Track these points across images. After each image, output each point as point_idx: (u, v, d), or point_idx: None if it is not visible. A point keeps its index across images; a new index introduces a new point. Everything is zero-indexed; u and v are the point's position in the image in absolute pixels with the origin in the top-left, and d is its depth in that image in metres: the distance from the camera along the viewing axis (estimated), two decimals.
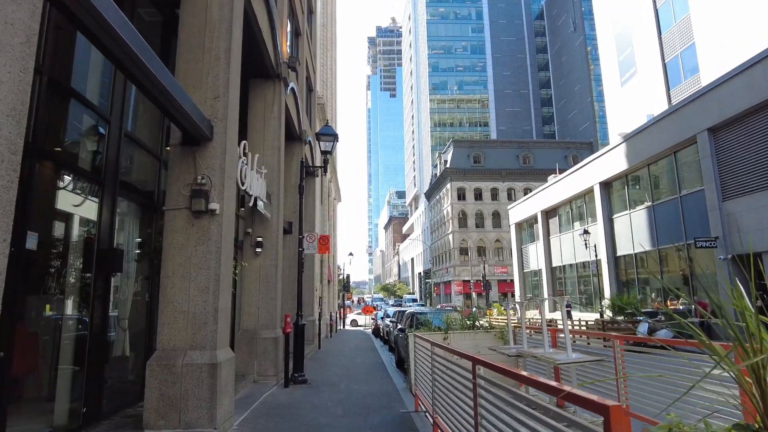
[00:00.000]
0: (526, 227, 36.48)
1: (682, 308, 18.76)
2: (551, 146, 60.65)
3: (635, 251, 22.30)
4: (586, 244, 24.77)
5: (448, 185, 55.30)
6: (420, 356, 6.14)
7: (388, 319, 19.04)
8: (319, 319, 16.73)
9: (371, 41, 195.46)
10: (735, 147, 16.18)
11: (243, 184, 7.20)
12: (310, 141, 15.82)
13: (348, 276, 42.44)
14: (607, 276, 23.95)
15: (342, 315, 33.49)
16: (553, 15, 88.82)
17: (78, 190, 5.38)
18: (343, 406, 6.83)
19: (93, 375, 5.23)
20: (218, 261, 5.30)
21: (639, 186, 22.53)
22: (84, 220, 5.54)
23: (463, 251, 54.23)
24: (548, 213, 32.29)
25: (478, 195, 54.91)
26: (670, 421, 1.38)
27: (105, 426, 5.25)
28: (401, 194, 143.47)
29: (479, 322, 8.32)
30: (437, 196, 62.33)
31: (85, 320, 5.32)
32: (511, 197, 52.67)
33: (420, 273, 78.29)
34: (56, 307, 5.15)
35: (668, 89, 28.46)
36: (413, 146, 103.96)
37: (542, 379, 2.10)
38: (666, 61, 28.67)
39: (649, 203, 21.20)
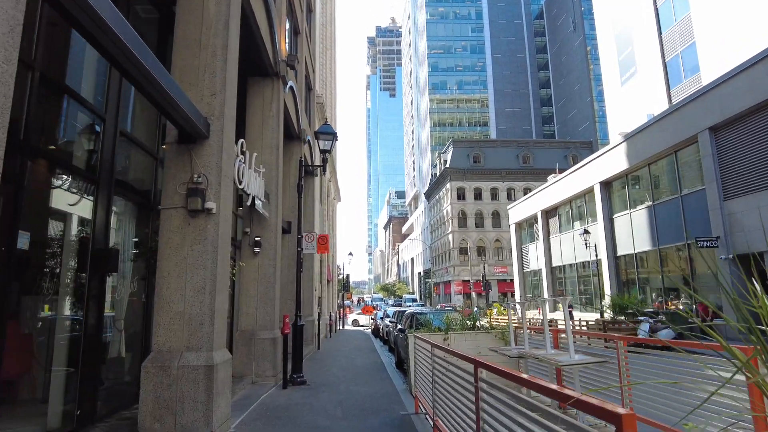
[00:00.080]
0: (525, 227, 36.40)
1: (682, 308, 18.69)
2: (551, 146, 60.56)
3: (636, 251, 22.22)
4: (586, 244, 24.69)
5: (448, 185, 55.21)
6: (420, 357, 6.05)
7: (388, 319, 18.93)
8: (319, 320, 16.65)
9: (371, 41, 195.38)
10: (736, 146, 16.10)
11: (240, 182, 7.12)
12: (309, 140, 15.72)
13: (347, 276, 42.33)
14: (608, 276, 23.88)
15: (342, 315, 33.38)
16: (553, 15, 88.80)
17: (72, 189, 5.29)
18: (342, 407, 6.74)
19: (87, 376, 5.14)
20: (215, 261, 5.22)
21: (639, 185, 22.45)
22: (78, 219, 5.45)
23: (463, 251, 54.14)
24: (548, 213, 32.21)
25: (478, 195, 54.83)
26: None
27: (99, 429, 5.16)
28: (401, 194, 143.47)
29: (480, 323, 8.23)
30: (437, 196, 62.24)
31: (79, 321, 5.23)
32: (510, 197, 52.60)
33: (419, 273, 78.21)
34: (50, 308, 5.06)
35: (668, 88, 28.39)
36: (413, 146, 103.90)
37: (550, 384, 2.01)
38: (666, 61, 28.59)
39: (650, 203, 21.12)
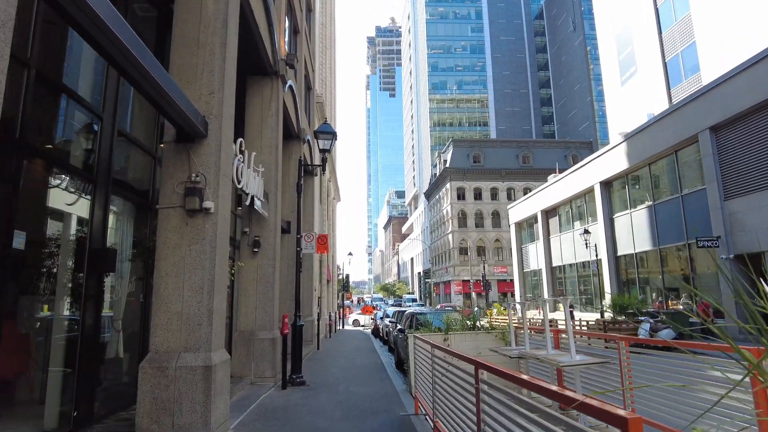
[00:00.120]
0: (525, 227, 36.36)
1: (683, 308, 18.65)
2: (551, 146, 60.53)
3: (636, 251, 22.18)
4: (586, 244, 24.65)
5: (448, 185, 55.17)
6: (420, 358, 6.01)
7: (388, 319, 18.87)
8: (318, 320, 16.61)
9: (370, 41, 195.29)
10: (737, 146, 16.05)
11: (239, 182, 7.07)
12: (308, 140, 15.68)
13: (347, 276, 42.28)
14: (608, 276, 23.84)
15: (342, 315, 33.33)
16: (553, 15, 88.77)
17: (69, 189, 5.25)
18: (341, 408, 6.70)
19: (84, 377, 5.10)
20: (213, 261, 5.18)
21: (640, 185, 22.41)
22: (76, 218, 5.40)
23: (463, 251, 54.09)
24: (548, 212, 32.17)
25: (478, 195, 54.79)
26: None
27: (96, 430, 5.12)
28: (401, 194, 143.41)
29: (480, 323, 8.20)
30: (437, 196, 62.19)
31: (77, 321, 5.19)
32: (510, 197, 52.57)
33: (419, 273, 78.16)
34: (47, 308, 5.02)
35: (669, 88, 28.35)
36: (413, 146, 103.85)
37: (554, 387, 1.97)
38: (666, 60, 28.55)
39: (650, 202, 21.08)
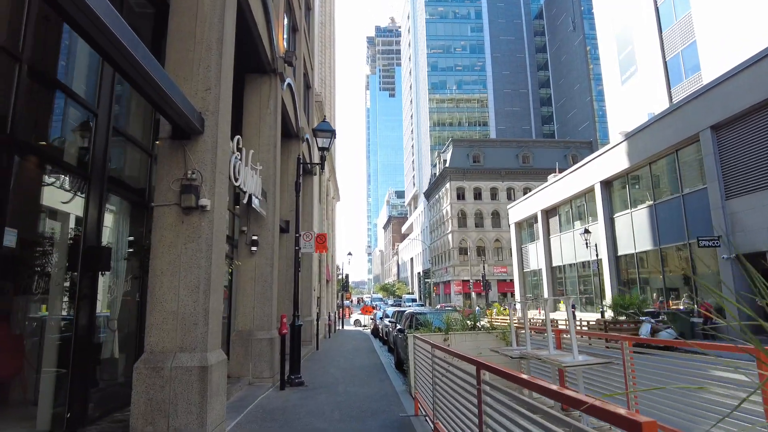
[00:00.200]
0: (525, 227, 36.28)
1: (683, 308, 18.57)
2: (551, 146, 60.48)
3: (636, 251, 22.10)
4: (586, 244, 24.57)
5: (448, 185, 55.09)
6: (420, 358, 5.92)
7: (387, 319, 18.78)
8: (317, 320, 16.52)
9: (370, 41, 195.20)
10: (738, 145, 15.98)
11: (236, 180, 6.98)
12: (307, 138, 15.59)
13: (347, 276, 42.22)
14: (608, 275, 23.76)
15: (341, 315, 33.23)
16: (553, 14, 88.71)
17: (63, 186, 5.16)
18: (340, 409, 6.61)
19: (78, 378, 5.01)
20: (209, 259, 5.09)
21: (640, 185, 22.33)
22: (70, 216, 5.31)
23: (463, 251, 54.01)
24: (548, 212, 32.09)
25: (478, 194, 54.72)
26: None
27: (90, 431, 5.03)
28: (400, 194, 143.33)
29: (480, 323, 8.11)
30: (436, 196, 62.12)
31: (71, 321, 5.10)
32: (510, 197, 52.49)
33: (419, 273, 78.09)
34: (40, 308, 4.93)
35: (669, 87, 28.28)
36: (412, 146, 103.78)
37: (560, 388, 1.89)
38: (667, 60, 28.48)
39: (651, 202, 21.00)
